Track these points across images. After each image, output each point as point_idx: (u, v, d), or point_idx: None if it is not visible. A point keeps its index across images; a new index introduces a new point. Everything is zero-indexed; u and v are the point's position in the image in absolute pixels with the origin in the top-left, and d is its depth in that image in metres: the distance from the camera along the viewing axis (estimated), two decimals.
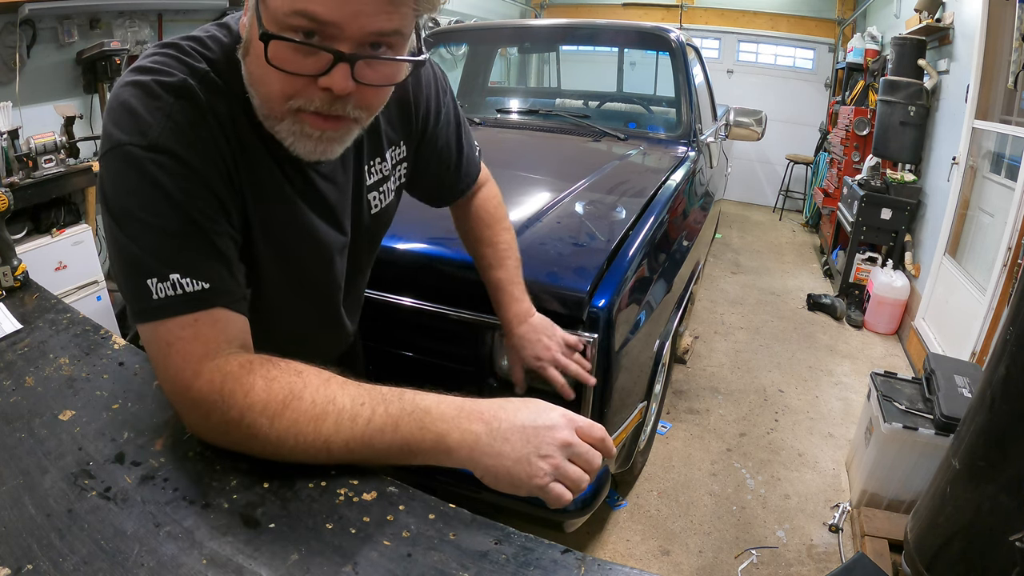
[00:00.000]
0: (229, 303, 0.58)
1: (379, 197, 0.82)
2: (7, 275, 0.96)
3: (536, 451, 0.53)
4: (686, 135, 2.36)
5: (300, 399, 0.54)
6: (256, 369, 0.55)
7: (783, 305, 3.86)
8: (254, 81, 0.58)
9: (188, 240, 0.56)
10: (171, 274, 0.55)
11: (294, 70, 0.53)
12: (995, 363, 1.30)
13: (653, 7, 6.50)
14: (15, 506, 0.51)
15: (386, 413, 0.54)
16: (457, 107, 0.91)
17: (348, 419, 0.54)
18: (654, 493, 2.08)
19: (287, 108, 0.57)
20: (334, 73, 0.54)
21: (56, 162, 2.39)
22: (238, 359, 0.56)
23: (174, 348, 0.55)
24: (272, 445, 0.54)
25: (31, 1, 2.32)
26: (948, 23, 3.32)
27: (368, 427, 0.54)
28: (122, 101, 0.56)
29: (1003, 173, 2.81)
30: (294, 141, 0.60)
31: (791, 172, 6.12)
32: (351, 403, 0.54)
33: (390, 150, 0.82)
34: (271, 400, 0.53)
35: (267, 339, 0.62)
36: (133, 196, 0.55)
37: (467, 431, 0.54)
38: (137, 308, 0.56)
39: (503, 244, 1.03)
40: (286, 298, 0.75)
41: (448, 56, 3.20)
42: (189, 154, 0.56)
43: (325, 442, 0.53)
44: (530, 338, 1.03)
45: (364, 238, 0.82)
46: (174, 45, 0.61)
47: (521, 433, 0.54)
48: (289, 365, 0.57)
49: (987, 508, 1.28)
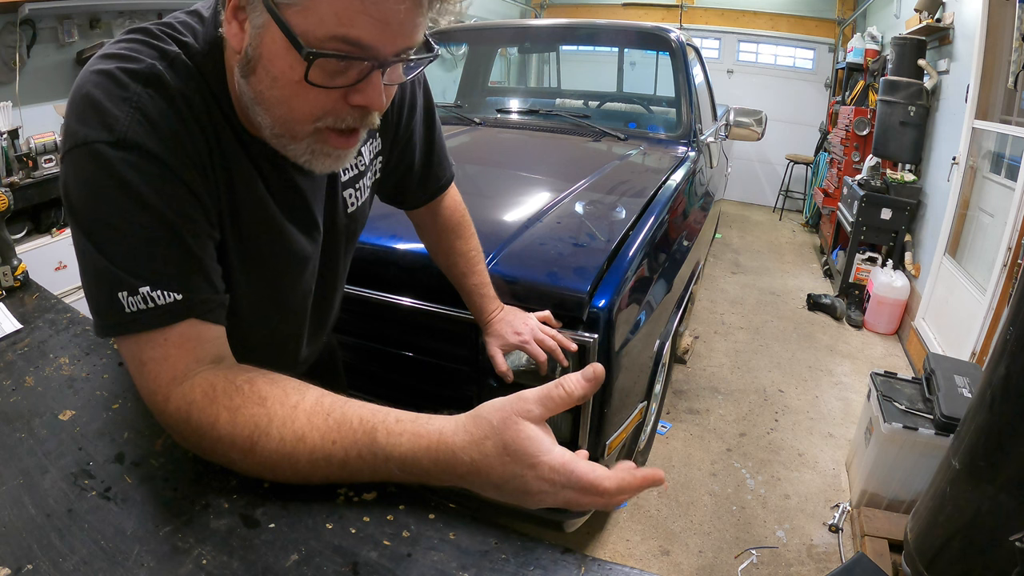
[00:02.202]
0: (203, 313, 0.56)
1: (355, 194, 0.79)
2: (7, 275, 0.96)
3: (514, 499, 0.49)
4: (686, 135, 2.36)
5: (267, 436, 0.51)
6: (219, 398, 0.52)
7: (783, 305, 3.86)
8: (269, 103, 0.54)
9: (160, 248, 0.53)
10: (141, 287, 0.52)
11: (330, 85, 0.52)
12: (995, 363, 1.30)
13: (653, 7, 6.51)
14: (15, 506, 0.51)
15: (359, 458, 0.51)
16: (432, 103, 0.88)
17: (323, 460, 0.51)
18: (654, 493, 2.08)
19: (312, 128, 0.55)
20: (369, 91, 0.53)
21: (56, 162, 2.39)
22: (203, 385, 0.53)
23: (146, 368, 0.54)
24: (251, 474, 0.53)
25: (31, 1, 2.32)
26: (948, 23, 3.32)
27: (344, 469, 0.51)
28: (85, 93, 0.52)
29: (1003, 173, 2.81)
30: (311, 159, 0.58)
31: (791, 172, 6.12)
32: (321, 442, 0.51)
33: (366, 144, 0.79)
34: (236, 436, 0.51)
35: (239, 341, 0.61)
36: (100, 200, 0.51)
37: (445, 481, 0.51)
38: (110, 322, 0.53)
39: (472, 251, 1.04)
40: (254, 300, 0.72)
41: (448, 56, 3.20)
42: (161, 149, 0.53)
43: (305, 477, 0.52)
44: (507, 319, 1.07)
45: (341, 238, 0.79)
46: (143, 29, 0.57)
47: (497, 491, 0.49)
48: (253, 389, 0.53)
49: (987, 508, 1.28)
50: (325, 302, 0.85)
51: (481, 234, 1.09)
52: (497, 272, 1.19)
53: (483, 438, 0.49)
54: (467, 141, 2.28)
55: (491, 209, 1.55)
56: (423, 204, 0.97)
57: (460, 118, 2.52)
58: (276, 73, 0.52)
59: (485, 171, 1.93)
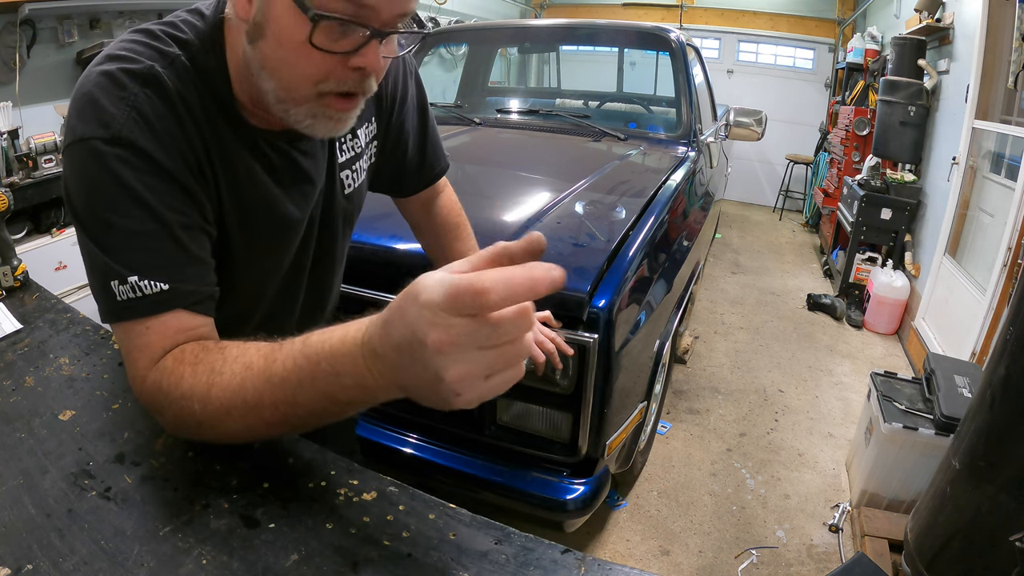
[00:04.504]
0: (190, 304, 0.57)
1: (352, 176, 0.81)
2: (7, 275, 0.96)
3: (427, 374, 0.40)
4: (686, 135, 2.36)
5: (220, 374, 0.51)
6: (186, 358, 0.54)
7: (783, 305, 3.87)
8: (274, 65, 0.56)
9: (150, 240, 0.55)
10: (130, 276, 0.54)
11: (333, 50, 0.54)
12: (995, 363, 1.30)
13: (653, 7, 6.51)
14: (15, 506, 0.51)
15: (296, 367, 0.48)
16: (424, 94, 0.90)
17: (264, 381, 0.49)
18: (654, 493, 2.08)
19: (314, 91, 0.57)
20: (368, 53, 0.55)
21: (56, 162, 2.39)
22: (174, 353, 0.55)
23: (131, 356, 0.56)
24: (216, 430, 0.53)
25: (31, 1, 2.32)
26: (948, 23, 3.32)
27: (285, 386, 0.48)
28: (86, 91, 0.55)
29: (1003, 173, 2.81)
30: (312, 123, 0.59)
31: (791, 172, 6.12)
32: (264, 363, 0.50)
33: (362, 127, 0.81)
34: (197, 383, 0.52)
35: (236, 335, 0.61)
36: (95, 194, 0.54)
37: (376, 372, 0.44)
38: (104, 309, 0.56)
39: (470, 252, 1.04)
40: (256, 291, 0.74)
41: (448, 56, 3.21)
42: (155, 147, 0.55)
43: (255, 410, 0.50)
44: None
45: (338, 219, 0.81)
46: (145, 31, 0.60)
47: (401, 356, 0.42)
48: (218, 344, 0.55)
49: (987, 508, 1.28)
50: (324, 283, 0.86)
51: (481, 234, 1.09)
52: None
53: (393, 301, 0.43)
54: (467, 141, 2.28)
55: (491, 209, 1.55)
56: (419, 191, 0.98)
57: (460, 118, 2.52)
58: (281, 35, 0.54)
59: (485, 171, 1.93)
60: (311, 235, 0.78)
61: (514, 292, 0.38)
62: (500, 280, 0.38)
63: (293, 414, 0.49)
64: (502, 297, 0.38)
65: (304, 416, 0.50)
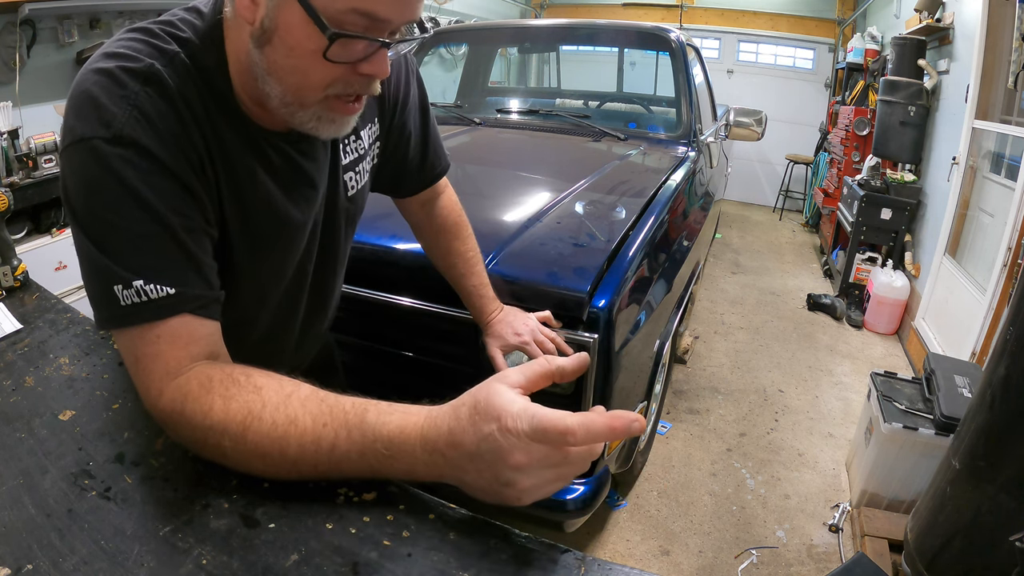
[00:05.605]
0: (197, 308, 0.56)
1: (355, 178, 0.80)
2: (7, 275, 0.96)
3: (496, 480, 0.47)
4: (686, 135, 2.36)
5: (259, 420, 0.51)
6: (215, 387, 0.53)
7: (783, 305, 3.87)
8: (282, 72, 0.56)
9: (154, 242, 0.54)
10: (135, 280, 0.52)
11: (343, 60, 0.55)
12: (995, 363, 1.30)
13: (653, 7, 6.51)
14: (15, 506, 0.51)
15: (349, 440, 0.50)
16: (425, 94, 0.91)
17: (311, 443, 0.50)
18: (654, 493, 2.08)
19: (322, 96, 0.57)
20: (378, 60, 0.56)
21: (56, 162, 2.39)
22: (199, 377, 0.54)
23: (140, 364, 0.54)
24: (241, 465, 0.53)
25: (31, 1, 2.32)
26: (948, 23, 3.32)
27: (333, 454, 0.51)
28: (84, 90, 0.53)
29: (1003, 173, 2.81)
30: (316, 125, 0.60)
31: (791, 172, 6.12)
32: (312, 424, 0.51)
33: (365, 129, 0.81)
34: (229, 421, 0.51)
35: (239, 339, 0.61)
36: (97, 195, 0.52)
37: (431, 464, 0.49)
38: (106, 314, 0.54)
39: (471, 252, 1.05)
40: (258, 294, 0.73)
41: (448, 56, 3.21)
42: (157, 146, 0.53)
43: (293, 464, 0.51)
44: (508, 320, 1.08)
45: (340, 220, 0.80)
46: (143, 28, 0.58)
47: (473, 463, 0.47)
48: (249, 380, 0.54)
49: (987, 508, 1.28)
50: (326, 284, 0.86)
51: (481, 234, 1.09)
52: (497, 272, 1.19)
53: (460, 404, 0.49)
54: (467, 141, 2.28)
55: (491, 209, 1.55)
56: (419, 191, 0.98)
57: (460, 118, 2.52)
58: (293, 43, 0.54)
59: (485, 171, 1.93)
60: (314, 238, 0.77)
61: (593, 436, 0.46)
62: (583, 425, 0.45)
63: (329, 472, 0.52)
64: (582, 439, 0.45)
65: (337, 474, 0.52)
